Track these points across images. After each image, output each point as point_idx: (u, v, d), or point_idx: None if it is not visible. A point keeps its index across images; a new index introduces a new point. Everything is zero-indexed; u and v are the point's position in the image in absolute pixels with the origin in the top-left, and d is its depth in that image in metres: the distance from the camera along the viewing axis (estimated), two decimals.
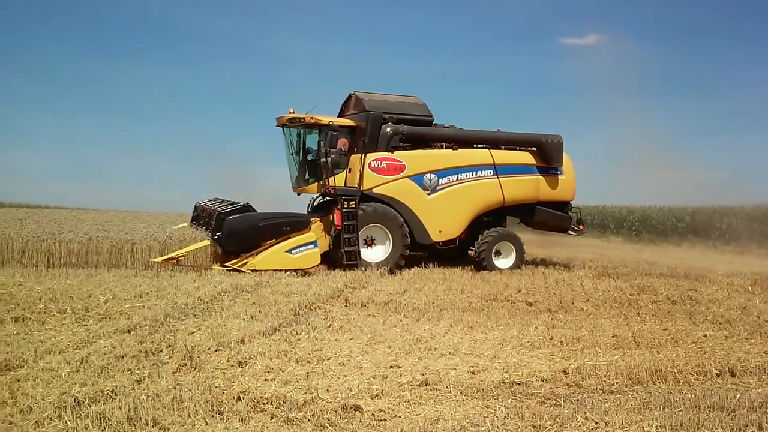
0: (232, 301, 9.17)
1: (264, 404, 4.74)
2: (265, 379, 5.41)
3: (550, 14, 60.42)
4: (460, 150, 15.51)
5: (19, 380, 5.14)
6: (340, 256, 13.82)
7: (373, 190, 14.58)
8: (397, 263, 14.29)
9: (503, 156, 15.85)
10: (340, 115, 15.78)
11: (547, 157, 16.07)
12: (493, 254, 15.00)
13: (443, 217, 15.01)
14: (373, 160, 14.59)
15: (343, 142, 14.94)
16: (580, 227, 16.86)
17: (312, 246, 13.44)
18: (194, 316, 7.99)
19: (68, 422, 4.23)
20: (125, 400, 4.58)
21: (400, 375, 5.67)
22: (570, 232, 16.91)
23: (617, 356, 6.64)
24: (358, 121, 14.95)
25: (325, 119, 14.53)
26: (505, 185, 15.55)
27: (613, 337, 7.66)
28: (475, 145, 15.97)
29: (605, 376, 5.91)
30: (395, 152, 14.83)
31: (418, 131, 15.28)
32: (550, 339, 7.46)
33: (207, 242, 13.54)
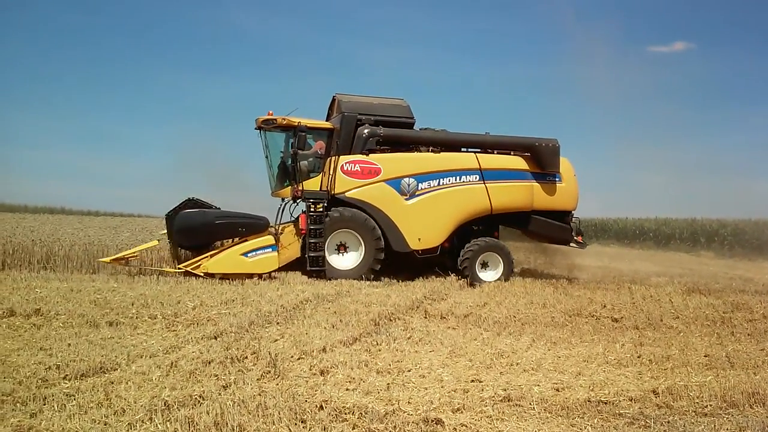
0: (314, 309, 9.31)
1: (346, 414, 4.76)
2: (347, 389, 5.44)
3: (639, 22, 58.95)
4: (442, 153, 14.74)
5: (112, 383, 5.34)
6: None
7: (346, 194, 14.01)
8: (369, 272, 13.67)
9: (491, 160, 14.98)
10: (327, 119, 15.26)
11: (542, 162, 15.10)
12: (479, 266, 14.22)
13: (423, 224, 14.24)
14: (345, 163, 14.02)
15: (320, 145, 14.49)
16: (579, 238, 15.69)
17: (269, 250, 12.87)
18: (277, 323, 8.14)
19: (159, 425, 4.36)
20: (212, 406, 4.70)
21: (482, 389, 5.58)
22: (572, 244, 15.79)
23: (710, 377, 6.33)
24: (335, 123, 14.45)
25: (296, 120, 13.98)
26: (493, 191, 14.65)
27: (705, 356, 7.32)
28: (463, 149, 15.12)
29: (698, 398, 5.64)
30: (370, 155, 14.17)
31: (396, 133, 14.58)
32: (638, 357, 7.20)
33: (156, 242, 13.33)
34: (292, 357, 6.44)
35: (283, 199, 14.66)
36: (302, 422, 4.57)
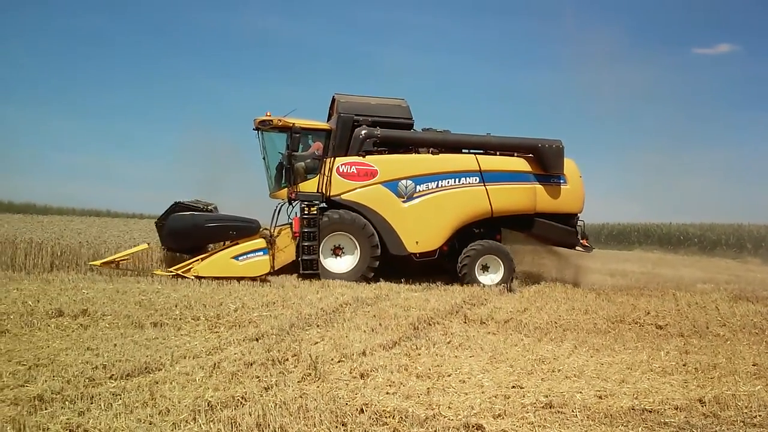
0: (353, 313, 9.34)
1: (386, 418, 4.77)
2: (387, 393, 5.44)
3: (684, 24, 57.92)
4: (441, 155, 14.43)
5: (157, 383, 5.43)
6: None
7: (342, 196, 13.83)
8: (364, 275, 13.45)
9: (491, 162, 14.66)
10: (328, 120, 15.07)
11: (546, 164, 14.75)
12: (479, 269, 13.95)
13: (421, 226, 13.98)
14: (341, 165, 13.85)
15: (317, 146, 14.32)
16: (584, 242, 15.27)
17: (261, 253, 12.75)
18: (318, 326, 8.19)
19: (202, 426, 4.42)
20: (254, 407, 4.75)
21: (523, 396, 5.53)
22: (578, 248, 15.33)
23: (759, 386, 6.16)
24: (333, 124, 14.24)
25: (291, 121, 13.82)
26: (494, 194, 14.33)
27: (753, 365, 7.12)
28: (464, 151, 14.83)
29: (746, 408, 5.49)
30: (367, 156, 13.96)
31: (394, 135, 14.36)
32: (684, 365, 7.04)
33: (145, 245, 13.30)
34: (332, 360, 6.47)
35: (281, 202, 14.47)
36: (343, 425, 4.58)
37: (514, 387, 5.81)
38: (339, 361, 6.44)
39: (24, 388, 5.10)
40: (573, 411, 5.16)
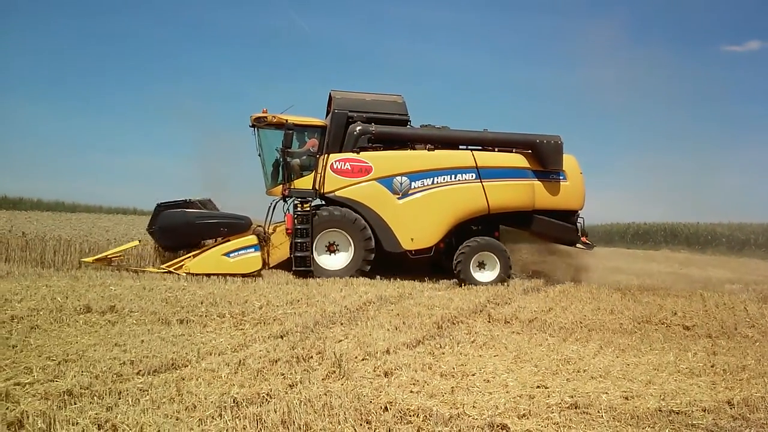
0: (377, 311, 9.35)
1: (410, 416, 4.77)
2: (411, 391, 5.44)
3: (713, 21, 57.18)
4: (436, 151, 14.25)
5: (184, 379, 5.49)
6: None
7: (336, 193, 13.74)
8: (359, 272, 13.36)
9: (488, 158, 14.43)
10: (326, 116, 14.87)
11: (544, 160, 14.50)
12: (474, 266, 13.74)
13: (416, 223, 13.83)
14: (335, 161, 13.75)
15: (312, 143, 14.20)
16: (584, 239, 14.96)
17: (252, 250, 12.75)
18: (341, 324, 8.22)
19: (228, 422, 4.46)
20: (279, 404, 4.78)
21: (548, 396, 5.50)
22: (579, 245, 15.03)
23: None
24: (328, 121, 14.15)
25: (285, 118, 13.73)
26: (490, 190, 14.12)
27: None
28: (461, 147, 14.61)
29: None
30: (361, 153, 13.85)
31: (389, 131, 14.18)
32: (711, 366, 6.95)
33: (136, 242, 13.35)
34: (356, 358, 6.49)
35: (275, 199, 14.42)
36: (367, 423, 4.60)
37: (539, 387, 5.78)
38: (363, 359, 6.46)
39: (54, 383, 5.18)
40: (599, 412, 5.12)
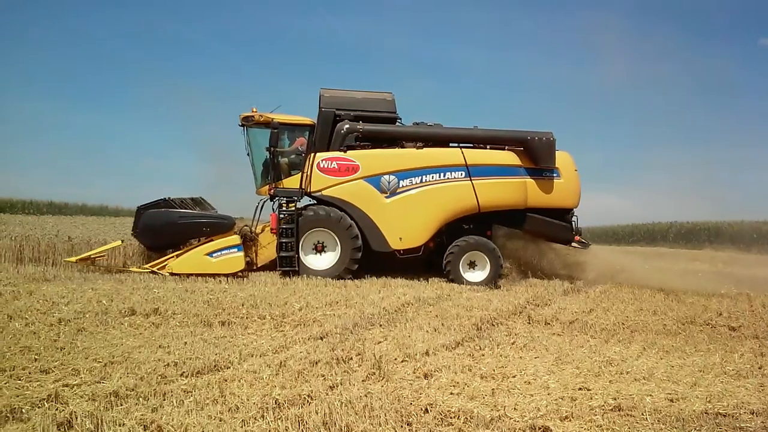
0: (416, 313, 9.34)
1: (451, 418, 4.76)
2: (451, 393, 5.42)
3: (752, 14, 55.76)
4: (425, 149, 14.01)
5: (226, 380, 5.56)
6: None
7: (323, 192, 13.59)
8: (346, 271, 13.19)
9: (478, 156, 14.13)
10: None
11: (536, 157, 14.18)
12: (465, 266, 13.51)
13: (404, 222, 13.61)
14: (322, 160, 13.60)
15: (301, 142, 14.05)
16: (577, 237, 14.58)
17: (235, 249, 12.64)
18: (380, 326, 8.23)
19: (270, 423, 4.51)
20: (320, 405, 4.81)
21: (591, 398, 5.43)
22: (574, 244, 14.66)
23: None
24: (315, 119, 13.99)
25: (271, 117, 13.57)
26: (480, 188, 13.84)
27: None
28: (452, 145, 14.35)
29: None
30: (348, 152, 13.66)
31: (377, 129, 13.97)
32: (759, 368, 6.79)
33: (119, 242, 13.31)
34: (395, 359, 6.50)
35: (263, 198, 14.28)
36: (408, 425, 4.60)
37: (581, 389, 5.72)
38: (402, 361, 6.46)
39: (100, 385, 5.30)
40: (643, 414, 5.04)
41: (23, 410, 4.59)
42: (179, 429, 4.35)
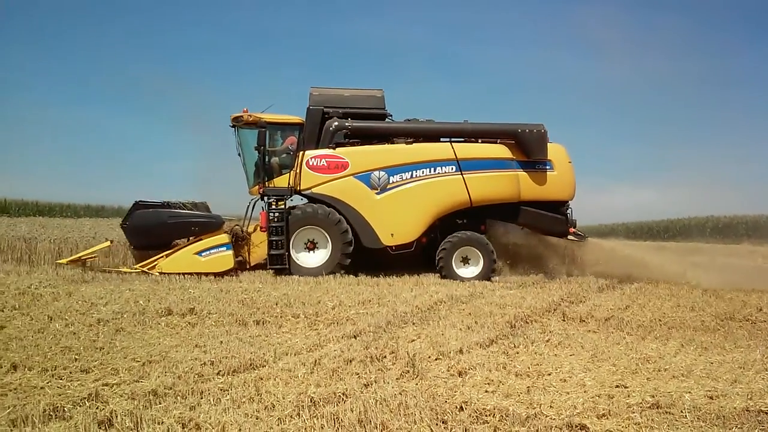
0: (449, 311, 9.32)
1: (486, 416, 4.74)
2: (486, 391, 5.39)
3: None
4: (414, 144, 13.95)
5: (262, 379, 5.61)
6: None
7: (313, 190, 13.63)
8: (337, 268, 13.18)
9: (468, 150, 14.07)
10: None
11: (527, 150, 14.07)
12: (457, 261, 13.46)
13: (395, 218, 13.63)
14: (311, 158, 13.63)
15: (291, 140, 14.04)
16: (571, 230, 14.45)
17: (224, 249, 12.71)
18: (413, 324, 8.23)
19: (306, 421, 4.53)
20: (355, 403, 4.83)
21: (628, 395, 5.36)
22: (570, 237, 14.51)
23: None
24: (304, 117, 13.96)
25: (259, 116, 13.60)
26: (471, 183, 13.82)
27: None
28: (442, 140, 14.27)
29: None
30: (338, 149, 13.64)
31: (366, 126, 13.96)
32: None
33: (108, 243, 13.36)
34: (429, 357, 6.49)
35: (254, 198, 14.31)
36: (443, 423, 4.59)
37: (618, 386, 5.64)
38: (436, 359, 6.45)
39: (139, 384, 5.39)
40: (682, 412, 4.95)
41: (65, 409, 4.69)
42: (216, 427, 4.40)
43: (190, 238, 13.27)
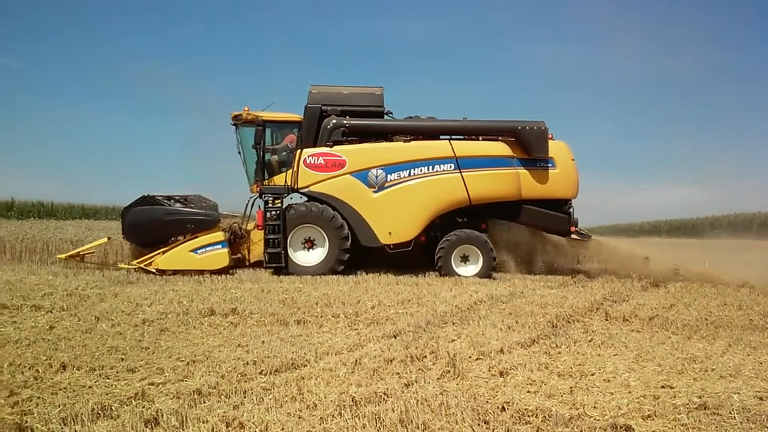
0: (489, 310, 9.27)
1: (529, 417, 4.70)
2: (528, 391, 5.35)
3: None
4: (413, 142, 13.76)
5: (303, 378, 5.65)
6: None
7: (310, 188, 13.58)
8: (334, 267, 13.11)
9: (467, 147, 13.85)
10: None
11: (528, 147, 13.84)
12: (456, 259, 13.31)
13: (393, 217, 13.50)
14: (308, 156, 13.57)
15: (290, 138, 13.98)
16: (573, 229, 14.14)
17: (219, 246, 12.73)
18: (453, 324, 8.20)
19: (348, 420, 4.55)
20: (396, 403, 4.83)
21: (674, 396, 5.26)
22: (573, 236, 14.18)
23: None
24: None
25: (257, 114, 13.58)
26: (470, 181, 13.63)
27: None
28: (442, 137, 14.08)
29: None
30: (335, 147, 13.54)
31: (363, 124, 13.81)
32: None
33: (105, 240, 13.52)
34: (470, 357, 6.46)
35: (253, 196, 14.36)
36: (485, 423, 4.56)
37: (663, 387, 5.54)
38: (477, 359, 6.42)
39: (184, 383, 5.48)
40: (730, 413, 4.84)
41: (112, 408, 4.78)
42: (260, 426, 4.44)
43: (187, 235, 13.39)
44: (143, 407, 4.80)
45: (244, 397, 5.07)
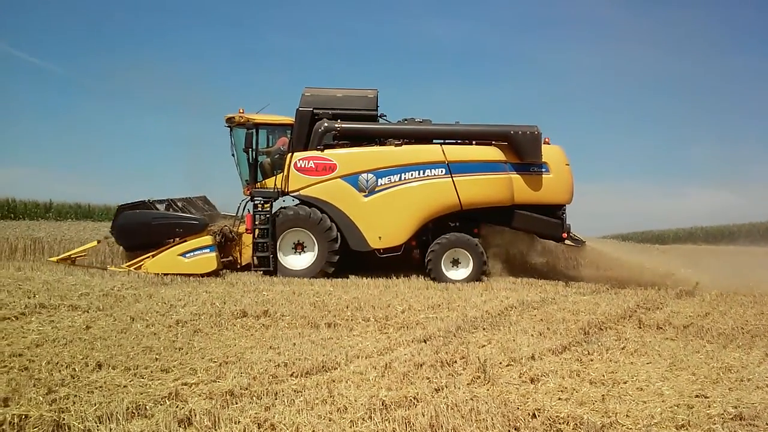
0: (519, 316, 9.22)
1: (560, 424, 4.67)
2: (559, 398, 5.32)
3: None
4: (404, 147, 13.61)
5: (334, 381, 5.69)
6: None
7: (301, 192, 13.51)
8: (325, 269, 13.04)
9: (458, 152, 13.69)
10: None
11: (521, 152, 13.63)
12: (447, 263, 13.20)
13: (383, 221, 13.39)
14: (299, 160, 13.49)
15: (283, 141, 13.91)
16: (564, 234, 13.89)
17: (207, 250, 12.65)
18: (483, 329, 8.17)
19: (378, 424, 4.57)
20: (426, 408, 4.84)
21: (709, 406, 5.18)
22: (567, 241, 14.02)
23: None
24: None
25: (249, 117, 13.53)
26: (461, 186, 13.48)
27: None
28: (435, 141, 13.89)
29: None
30: (326, 150, 13.43)
31: (354, 127, 13.68)
32: None
33: (95, 243, 13.51)
34: (500, 363, 6.43)
35: (244, 199, 14.28)
36: (515, 430, 4.55)
37: (697, 396, 5.46)
38: (507, 365, 6.39)
39: (216, 384, 5.55)
40: (767, 424, 4.75)
41: (147, 407, 4.87)
42: (291, 428, 4.49)
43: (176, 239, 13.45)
44: (177, 407, 4.87)
45: (276, 399, 5.12)
